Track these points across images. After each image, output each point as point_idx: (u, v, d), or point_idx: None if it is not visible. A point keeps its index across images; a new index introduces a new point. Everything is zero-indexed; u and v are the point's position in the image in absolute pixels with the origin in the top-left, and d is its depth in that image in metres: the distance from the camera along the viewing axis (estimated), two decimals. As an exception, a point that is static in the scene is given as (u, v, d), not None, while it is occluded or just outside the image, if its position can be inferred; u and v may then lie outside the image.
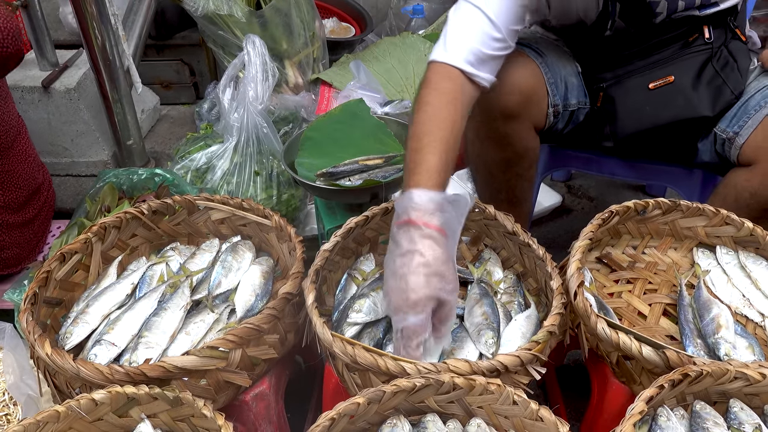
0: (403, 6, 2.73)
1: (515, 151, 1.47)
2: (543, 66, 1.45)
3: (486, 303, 1.18)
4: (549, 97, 1.45)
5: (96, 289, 1.28)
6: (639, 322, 1.23)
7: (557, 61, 1.49)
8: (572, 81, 1.49)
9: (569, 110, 1.50)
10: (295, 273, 1.18)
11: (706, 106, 1.38)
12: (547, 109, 1.46)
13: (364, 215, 1.31)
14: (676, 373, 0.95)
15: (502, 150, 1.47)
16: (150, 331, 1.12)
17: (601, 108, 1.48)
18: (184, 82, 2.55)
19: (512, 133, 1.43)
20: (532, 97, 1.41)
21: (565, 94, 1.48)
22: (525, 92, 1.38)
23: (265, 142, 1.84)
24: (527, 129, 1.45)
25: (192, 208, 1.42)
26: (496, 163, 1.50)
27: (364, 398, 0.94)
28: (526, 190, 1.60)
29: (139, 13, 2.02)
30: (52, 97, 1.94)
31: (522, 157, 1.49)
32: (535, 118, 1.45)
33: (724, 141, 1.37)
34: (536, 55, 1.47)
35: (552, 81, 1.46)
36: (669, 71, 1.41)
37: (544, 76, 1.45)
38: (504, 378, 1.01)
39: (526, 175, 1.54)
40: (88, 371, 1.00)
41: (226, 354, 1.05)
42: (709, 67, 1.40)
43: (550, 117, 1.47)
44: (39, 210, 1.78)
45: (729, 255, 1.32)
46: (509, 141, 1.44)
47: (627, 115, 1.45)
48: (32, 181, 1.75)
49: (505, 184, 1.55)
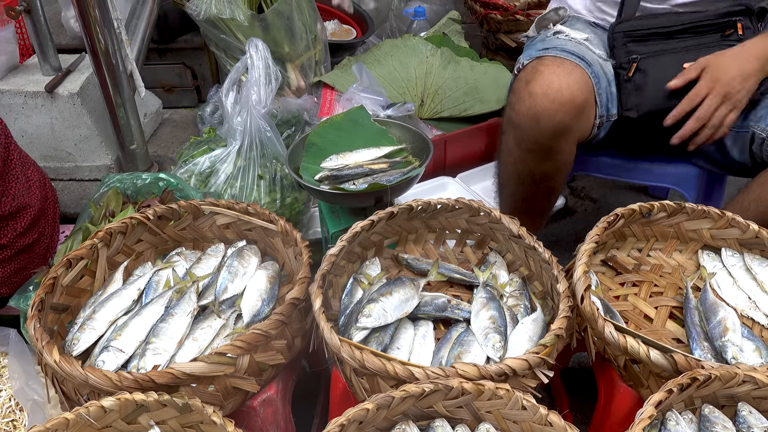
0: (405, 8, 2.73)
1: (554, 165, 1.44)
2: (593, 76, 1.42)
3: (493, 307, 1.19)
4: (597, 108, 1.42)
5: (102, 294, 1.28)
6: (645, 325, 1.23)
7: (599, 69, 1.46)
8: (611, 90, 1.46)
9: (611, 120, 1.46)
10: (302, 278, 1.18)
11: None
12: (594, 120, 1.43)
13: (370, 219, 1.31)
14: (685, 377, 0.95)
15: (541, 163, 1.43)
16: (158, 337, 1.12)
17: (632, 78, 1.45)
18: (187, 86, 2.55)
19: (558, 147, 1.40)
20: (584, 110, 1.37)
21: (607, 105, 1.45)
22: (579, 106, 1.35)
23: (268, 145, 1.84)
24: (572, 143, 1.42)
25: (197, 213, 1.42)
26: (531, 175, 1.47)
27: (373, 404, 0.95)
28: (552, 203, 1.58)
29: (141, 17, 2.01)
30: (55, 102, 1.94)
31: (559, 171, 1.46)
32: (582, 131, 1.42)
33: (763, 140, 1.36)
34: (585, 65, 1.42)
35: (600, 92, 1.42)
36: (703, 55, 1.40)
37: (594, 87, 1.41)
38: (512, 381, 1.01)
39: (557, 188, 1.52)
40: (96, 378, 1.00)
41: (234, 360, 1.05)
42: None
43: (595, 129, 1.44)
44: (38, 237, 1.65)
45: (734, 257, 1.32)
46: (552, 155, 1.41)
47: (656, 88, 1.42)
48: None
49: (534, 196, 1.52)
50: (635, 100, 1.45)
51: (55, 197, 1.76)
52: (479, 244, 1.43)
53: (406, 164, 1.60)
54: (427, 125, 2.17)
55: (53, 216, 1.72)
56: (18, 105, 1.95)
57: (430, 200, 1.37)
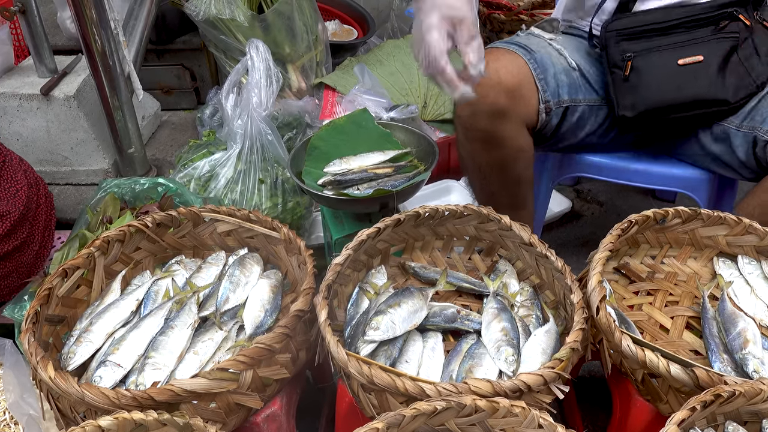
0: (406, 8, 2.69)
1: (508, 152, 1.42)
2: (531, 62, 1.42)
3: (504, 318, 1.15)
4: (539, 93, 1.41)
5: (99, 305, 1.24)
6: (661, 336, 1.19)
7: (547, 58, 1.45)
8: (562, 78, 1.45)
9: (563, 107, 1.45)
10: (307, 289, 1.14)
11: (729, 91, 1.37)
12: (538, 105, 1.41)
13: (376, 227, 1.27)
14: (708, 393, 0.91)
15: (493, 150, 1.42)
16: (157, 352, 1.08)
17: (627, 77, 1.43)
18: (185, 88, 2.50)
19: (503, 132, 1.38)
20: (519, 92, 1.37)
21: (557, 91, 1.44)
22: (511, 88, 1.35)
23: (269, 149, 1.80)
24: (518, 127, 1.40)
25: (197, 220, 1.38)
26: (489, 165, 1.46)
27: (383, 423, 0.90)
28: (526, 192, 1.55)
29: (139, 17, 1.97)
30: (51, 105, 1.89)
31: (516, 159, 1.44)
32: (525, 115, 1.40)
33: (766, 143, 1.33)
34: (524, 51, 1.43)
35: (542, 77, 1.42)
36: (699, 51, 1.39)
37: (533, 71, 1.41)
38: (526, 397, 0.97)
39: (524, 176, 1.50)
40: (93, 396, 0.96)
41: (237, 375, 1.01)
42: (735, 56, 1.38)
43: (542, 114, 1.43)
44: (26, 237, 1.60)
45: (751, 265, 1.28)
46: (500, 141, 1.40)
47: (652, 86, 1.41)
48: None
49: (503, 188, 1.50)
50: (631, 99, 1.43)
51: (49, 203, 1.71)
52: (488, 251, 1.39)
53: (412, 168, 1.56)
54: (431, 127, 2.13)
55: (44, 222, 1.66)
56: (13, 108, 1.91)
57: (438, 206, 1.32)
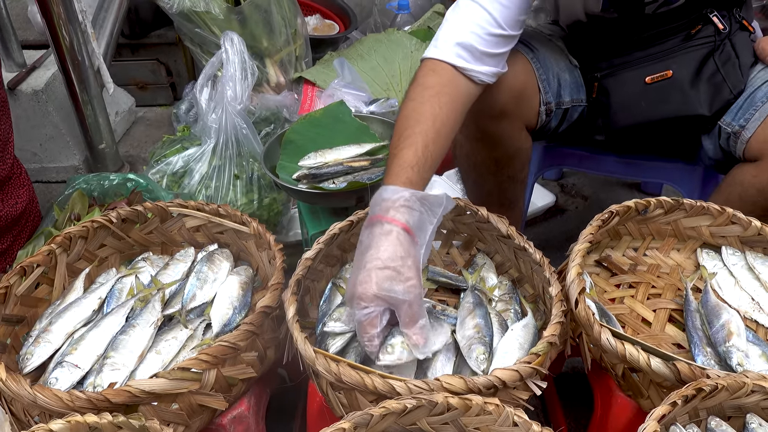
0: (388, 2, 2.65)
1: (506, 152, 1.41)
2: (534, 62, 1.38)
3: (479, 314, 1.10)
4: (541, 95, 1.39)
5: (60, 304, 1.19)
6: (643, 330, 1.16)
7: (550, 57, 1.42)
8: (565, 77, 1.42)
9: (563, 108, 1.43)
10: (275, 284, 1.09)
11: (703, 105, 1.32)
12: (539, 107, 1.39)
13: (349, 220, 1.22)
14: (690, 387, 0.87)
15: (492, 150, 1.40)
16: (116, 351, 1.03)
17: (595, 99, 1.42)
18: (161, 83, 2.45)
19: (502, 132, 1.37)
20: (522, 94, 1.34)
21: (558, 92, 1.41)
22: (515, 90, 1.32)
23: (245, 144, 1.75)
24: (518, 129, 1.39)
25: (165, 216, 1.33)
26: (485, 164, 1.44)
27: (350, 423, 0.86)
28: (518, 192, 1.54)
29: (110, 10, 1.92)
30: (18, 100, 1.84)
31: (513, 158, 1.43)
32: (526, 117, 1.38)
33: (729, 135, 1.30)
34: (527, 50, 1.39)
35: (544, 78, 1.39)
36: (668, 65, 1.35)
37: (536, 72, 1.38)
38: (502, 394, 0.93)
39: (518, 176, 1.48)
40: (45, 398, 0.90)
41: (200, 375, 0.96)
42: (710, 62, 1.33)
43: (543, 116, 1.40)
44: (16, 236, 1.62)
45: (735, 256, 1.25)
46: (499, 141, 1.38)
47: (620, 108, 1.39)
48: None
49: (496, 187, 1.49)
50: (602, 121, 1.42)
51: (33, 209, 1.67)
52: (466, 245, 1.35)
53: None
54: (412, 121, 2.09)
55: (29, 235, 1.62)
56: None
57: (414, 199, 1.28)
